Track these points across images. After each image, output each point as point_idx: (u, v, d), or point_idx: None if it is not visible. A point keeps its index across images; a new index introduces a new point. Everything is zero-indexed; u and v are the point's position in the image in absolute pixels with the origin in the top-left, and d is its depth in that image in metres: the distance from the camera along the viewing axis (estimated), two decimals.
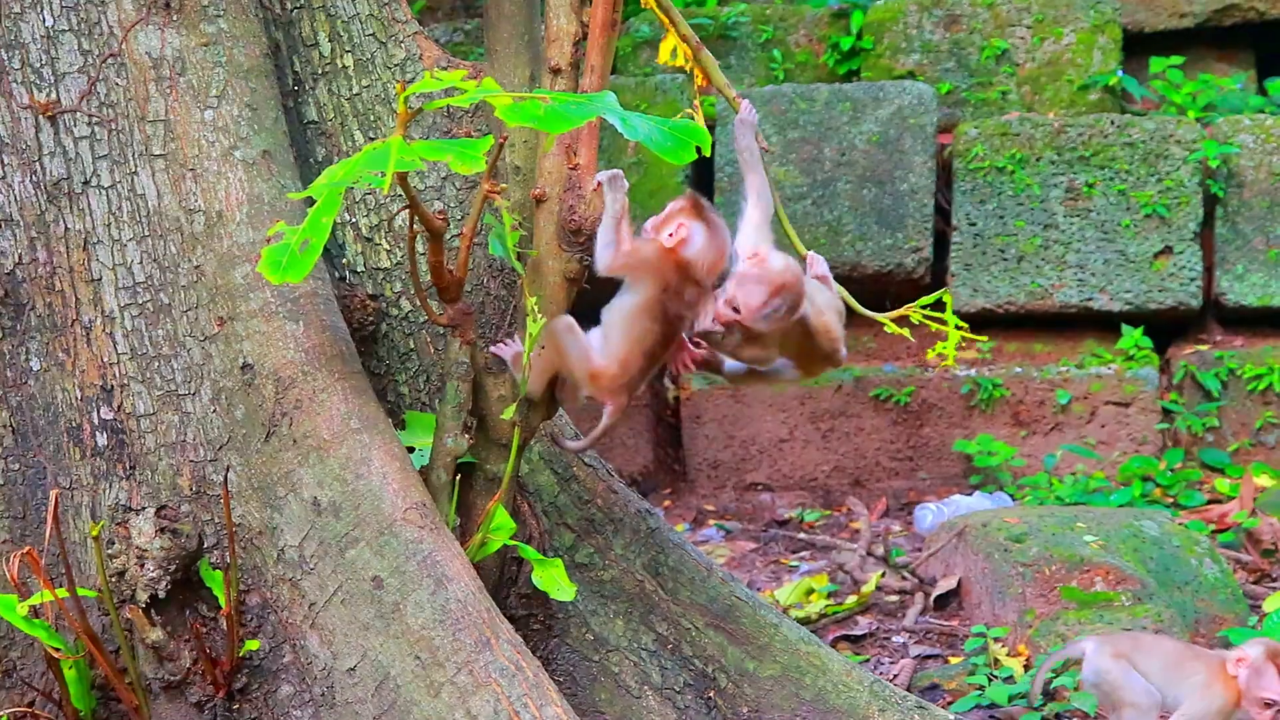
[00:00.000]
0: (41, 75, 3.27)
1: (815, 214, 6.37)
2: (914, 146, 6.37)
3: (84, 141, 3.26)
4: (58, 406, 3.28)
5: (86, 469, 3.25)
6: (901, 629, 4.83)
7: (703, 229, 3.19)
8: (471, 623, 3.02)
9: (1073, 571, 4.48)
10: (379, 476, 3.12)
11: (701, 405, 6.41)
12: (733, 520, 6.21)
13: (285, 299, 3.21)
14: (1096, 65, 6.83)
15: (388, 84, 3.56)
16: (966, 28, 6.90)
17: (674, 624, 3.65)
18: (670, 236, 3.18)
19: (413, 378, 3.54)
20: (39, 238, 3.27)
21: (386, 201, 3.54)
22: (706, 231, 3.19)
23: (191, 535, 3.13)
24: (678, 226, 3.18)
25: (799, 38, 7.17)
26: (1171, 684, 3.71)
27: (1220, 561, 4.75)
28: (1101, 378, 6.23)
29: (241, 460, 3.18)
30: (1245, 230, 6.31)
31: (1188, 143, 6.23)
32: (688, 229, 3.18)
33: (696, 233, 3.18)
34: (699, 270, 3.19)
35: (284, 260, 2.77)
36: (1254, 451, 6.16)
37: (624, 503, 3.72)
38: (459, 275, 3.15)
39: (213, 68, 3.28)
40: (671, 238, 3.17)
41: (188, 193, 3.24)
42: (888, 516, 6.15)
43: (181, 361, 3.22)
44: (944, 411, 6.30)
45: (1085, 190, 6.28)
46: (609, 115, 2.77)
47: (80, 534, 3.25)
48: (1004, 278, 6.33)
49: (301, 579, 3.12)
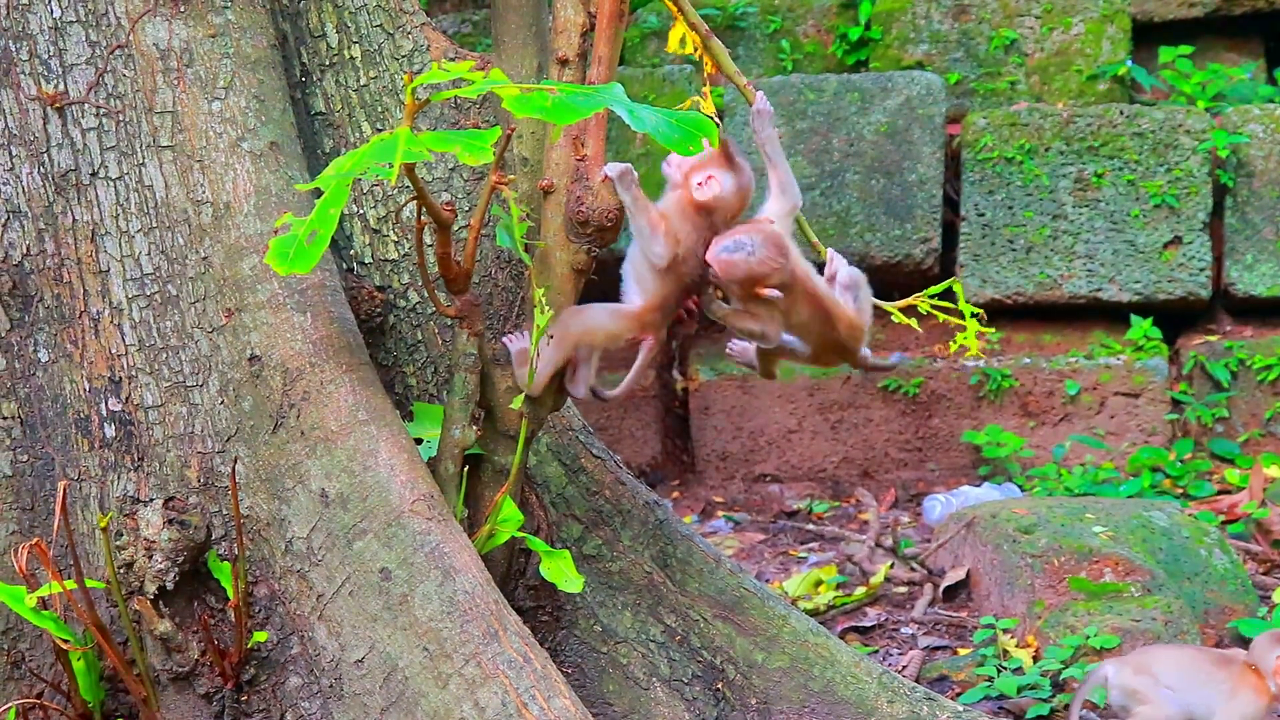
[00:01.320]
0: (49, 67, 3.27)
1: (824, 205, 6.36)
2: (922, 137, 6.36)
3: (91, 133, 3.26)
4: (66, 398, 3.28)
5: (94, 460, 3.25)
6: (910, 620, 4.82)
7: (731, 179, 3.20)
8: (479, 614, 3.02)
9: (1082, 562, 4.47)
10: (387, 468, 3.12)
11: (710, 396, 6.40)
12: (741, 511, 6.21)
13: (293, 290, 3.20)
14: (1105, 55, 6.81)
15: (395, 75, 3.56)
16: (975, 18, 6.88)
17: (682, 615, 3.65)
18: (700, 186, 3.18)
19: (420, 369, 3.54)
20: (47, 229, 3.27)
21: (394, 193, 3.53)
22: (734, 180, 3.20)
23: (199, 527, 3.13)
24: (707, 178, 3.19)
25: (807, 28, 7.16)
26: (1198, 693, 3.67)
27: (1230, 552, 4.74)
28: (1110, 368, 6.22)
29: (249, 452, 3.18)
30: (1255, 220, 6.29)
31: (1197, 132, 6.22)
32: (718, 181, 3.18)
33: (725, 182, 3.19)
34: (720, 218, 3.19)
35: (291, 251, 2.77)
36: (1264, 442, 6.15)
37: (632, 494, 3.71)
38: (466, 267, 3.14)
39: (220, 59, 3.28)
40: (701, 188, 3.18)
41: (195, 184, 3.24)
42: (896, 507, 6.14)
43: (189, 353, 3.22)
44: (952, 402, 6.29)
45: (1094, 180, 6.26)
46: (616, 107, 2.77)
47: (88, 525, 3.25)
48: (1013, 268, 6.32)
49: (309, 570, 3.12)
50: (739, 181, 3.22)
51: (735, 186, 3.21)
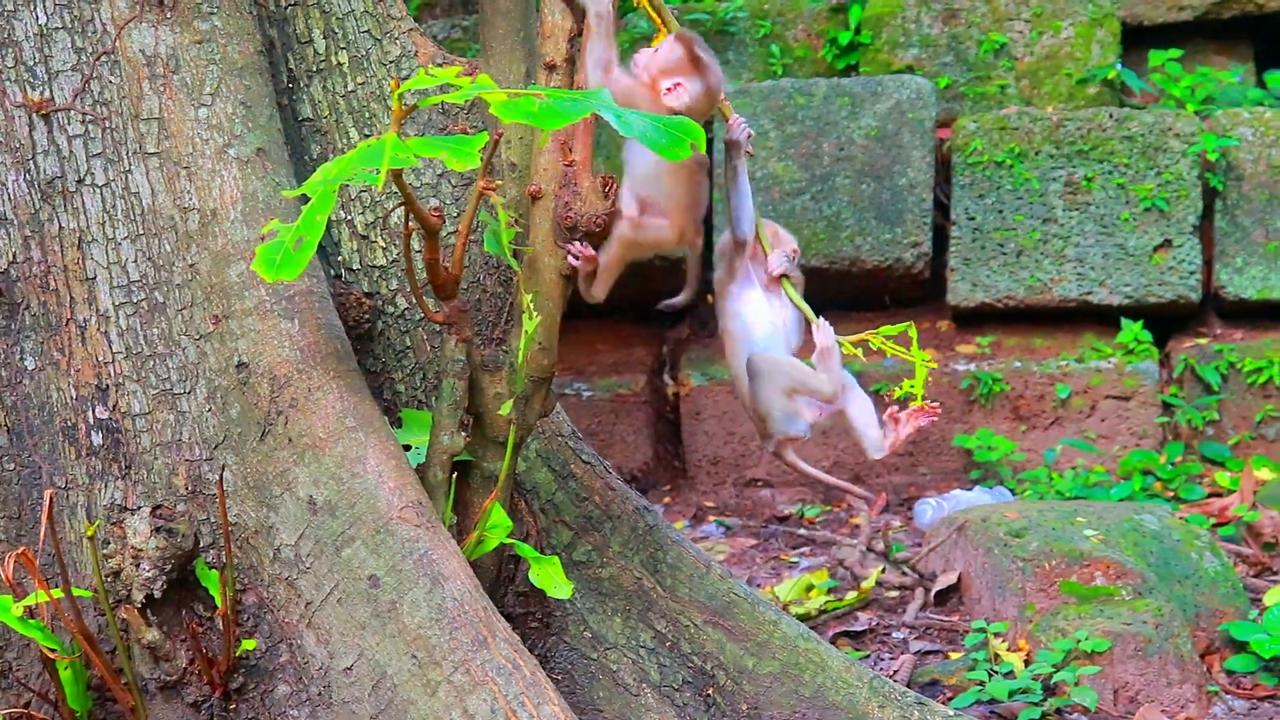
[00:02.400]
0: (35, 73, 3.26)
1: (814, 209, 6.36)
2: (912, 141, 6.36)
3: (78, 140, 3.25)
4: (53, 406, 3.27)
5: (82, 468, 3.24)
6: (902, 624, 4.82)
7: (699, 84, 3.22)
8: (468, 621, 3.02)
9: (1073, 566, 4.47)
10: (375, 475, 3.12)
11: (701, 401, 6.40)
12: (732, 516, 6.20)
13: (280, 297, 3.20)
14: (1095, 59, 6.82)
15: (383, 81, 3.55)
16: (965, 22, 6.89)
17: (672, 621, 3.64)
18: (669, 93, 3.19)
19: (409, 375, 3.53)
20: (33, 237, 3.26)
21: (382, 199, 3.53)
22: (701, 84, 3.22)
23: (187, 535, 3.12)
24: (675, 86, 3.20)
25: (797, 32, 7.16)
26: None
27: (1221, 555, 4.74)
28: (1101, 372, 6.22)
29: (237, 459, 3.18)
30: (1245, 223, 6.30)
31: (1187, 136, 6.22)
32: (685, 89, 3.20)
33: (693, 88, 3.21)
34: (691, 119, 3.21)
35: (278, 258, 2.76)
36: (1254, 445, 6.15)
37: (622, 500, 3.71)
38: (455, 272, 3.14)
39: (207, 65, 3.27)
40: (670, 94, 3.19)
41: (182, 191, 3.23)
42: (888, 512, 6.14)
43: (177, 360, 3.22)
44: (944, 406, 6.27)
45: (1084, 184, 6.26)
46: (604, 111, 2.76)
47: (76, 534, 3.24)
48: (1003, 272, 6.32)
49: (298, 578, 3.11)
50: (707, 84, 3.23)
51: (703, 90, 3.22)
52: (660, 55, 3.23)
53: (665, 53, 3.23)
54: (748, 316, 3.51)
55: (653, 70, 3.22)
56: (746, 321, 3.50)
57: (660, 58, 3.23)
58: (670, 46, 3.24)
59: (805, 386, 3.51)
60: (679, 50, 3.23)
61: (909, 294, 6.53)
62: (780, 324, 3.50)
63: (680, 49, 3.23)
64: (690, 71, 3.21)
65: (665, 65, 3.22)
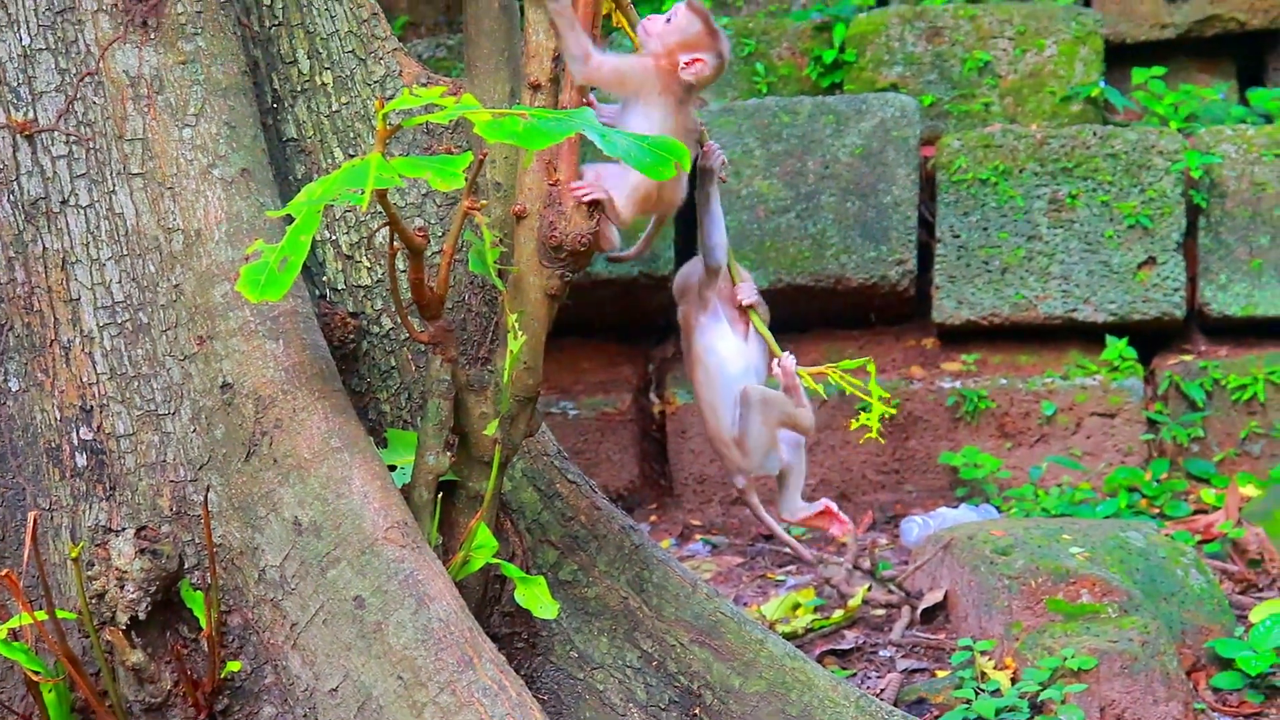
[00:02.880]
0: (18, 94, 3.26)
1: (799, 227, 6.37)
2: (897, 159, 6.37)
3: (61, 160, 3.25)
4: (37, 427, 3.26)
5: (66, 490, 3.23)
6: (888, 643, 4.81)
7: (715, 60, 3.22)
8: (454, 642, 3.01)
9: (1059, 583, 4.47)
10: (360, 495, 3.11)
11: (687, 420, 6.39)
12: (719, 535, 6.19)
13: (265, 317, 3.19)
14: (1078, 76, 6.83)
15: (367, 101, 3.56)
16: (948, 40, 6.90)
17: (659, 641, 3.64)
18: (687, 67, 3.18)
19: (394, 395, 3.53)
20: (17, 258, 3.26)
21: (366, 219, 3.53)
22: (717, 61, 3.22)
23: (172, 556, 3.11)
24: (694, 61, 3.19)
25: (781, 51, 7.17)
26: None
27: (1206, 572, 4.74)
28: (1086, 389, 6.23)
29: (222, 480, 3.17)
30: (1228, 240, 6.31)
31: (1170, 153, 6.23)
32: (706, 64, 3.20)
33: (711, 63, 3.21)
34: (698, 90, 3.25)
35: (263, 278, 2.76)
36: (1239, 461, 6.16)
37: (608, 519, 3.70)
38: (440, 292, 3.13)
39: (191, 86, 3.27)
40: (688, 68, 3.18)
41: (166, 211, 3.23)
42: (874, 529, 6.14)
43: (161, 381, 3.21)
44: (929, 424, 6.29)
45: (1068, 201, 6.28)
46: (589, 131, 2.77)
47: (60, 556, 3.23)
48: (988, 289, 6.33)
49: (283, 599, 3.11)
50: (721, 57, 3.23)
51: (718, 63, 3.23)
52: (676, 26, 3.20)
53: (682, 23, 3.19)
54: (721, 350, 3.51)
55: (668, 42, 3.20)
56: (721, 355, 3.51)
57: (676, 28, 3.19)
58: (687, 17, 3.20)
59: (794, 421, 3.52)
60: (697, 22, 3.20)
61: (894, 311, 6.54)
62: (753, 358, 3.52)
63: (698, 20, 3.19)
64: (709, 45, 3.20)
65: (683, 38, 3.20)
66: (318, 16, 3.54)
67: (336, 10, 3.56)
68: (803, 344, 6.55)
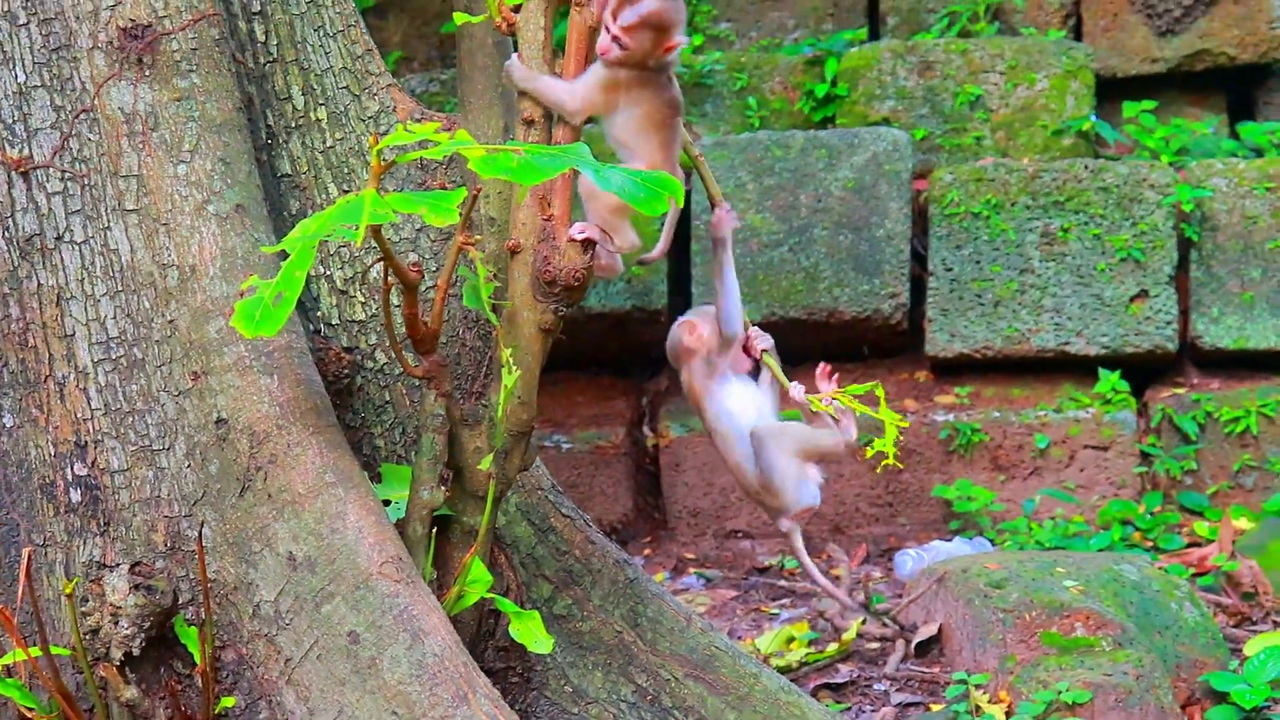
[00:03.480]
0: (14, 131, 3.27)
1: (792, 260, 6.38)
2: (890, 192, 6.39)
3: (57, 197, 3.26)
4: (31, 463, 3.26)
5: (60, 526, 3.23)
6: (883, 676, 4.81)
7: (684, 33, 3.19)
8: (448, 677, 3.01)
9: (1053, 617, 4.47)
10: (354, 530, 3.11)
11: (681, 453, 6.40)
12: (713, 568, 6.19)
13: (259, 353, 3.20)
14: (1070, 111, 6.86)
15: (361, 137, 3.57)
16: (940, 74, 6.93)
17: (653, 675, 3.64)
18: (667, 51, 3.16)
19: (388, 430, 3.53)
20: (11, 294, 3.26)
21: (361, 254, 3.53)
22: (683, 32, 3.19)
23: (166, 592, 3.11)
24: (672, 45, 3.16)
25: (774, 85, 7.20)
26: None
27: (1200, 605, 4.74)
28: (1079, 421, 6.23)
29: (216, 515, 3.17)
30: (1220, 273, 6.33)
31: (1161, 187, 6.25)
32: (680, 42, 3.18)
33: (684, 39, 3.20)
34: None
35: (258, 314, 2.77)
36: (1232, 494, 6.16)
37: (602, 553, 3.70)
38: (434, 327, 3.14)
39: (185, 122, 3.28)
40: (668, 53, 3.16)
41: (161, 247, 3.23)
42: (868, 563, 6.13)
43: (155, 416, 3.21)
44: (923, 457, 6.29)
45: (1060, 235, 6.29)
46: (582, 166, 2.78)
47: (54, 591, 3.22)
48: (981, 322, 6.34)
49: (277, 635, 3.10)
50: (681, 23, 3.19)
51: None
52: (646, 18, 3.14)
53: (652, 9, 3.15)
54: (735, 409, 3.53)
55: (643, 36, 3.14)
56: (735, 415, 3.53)
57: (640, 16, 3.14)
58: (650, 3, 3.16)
59: (814, 446, 3.53)
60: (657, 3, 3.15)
61: (887, 344, 6.55)
62: (765, 403, 3.54)
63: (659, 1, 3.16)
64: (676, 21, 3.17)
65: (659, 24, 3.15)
66: (312, 53, 3.55)
67: (331, 46, 3.57)
68: (796, 377, 6.53)
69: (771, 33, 7.77)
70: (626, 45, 3.13)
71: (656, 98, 3.20)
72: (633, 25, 3.12)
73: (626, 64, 3.15)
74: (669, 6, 3.16)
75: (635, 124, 3.18)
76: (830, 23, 7.71)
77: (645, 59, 3.16)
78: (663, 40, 3.15)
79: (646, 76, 3.18)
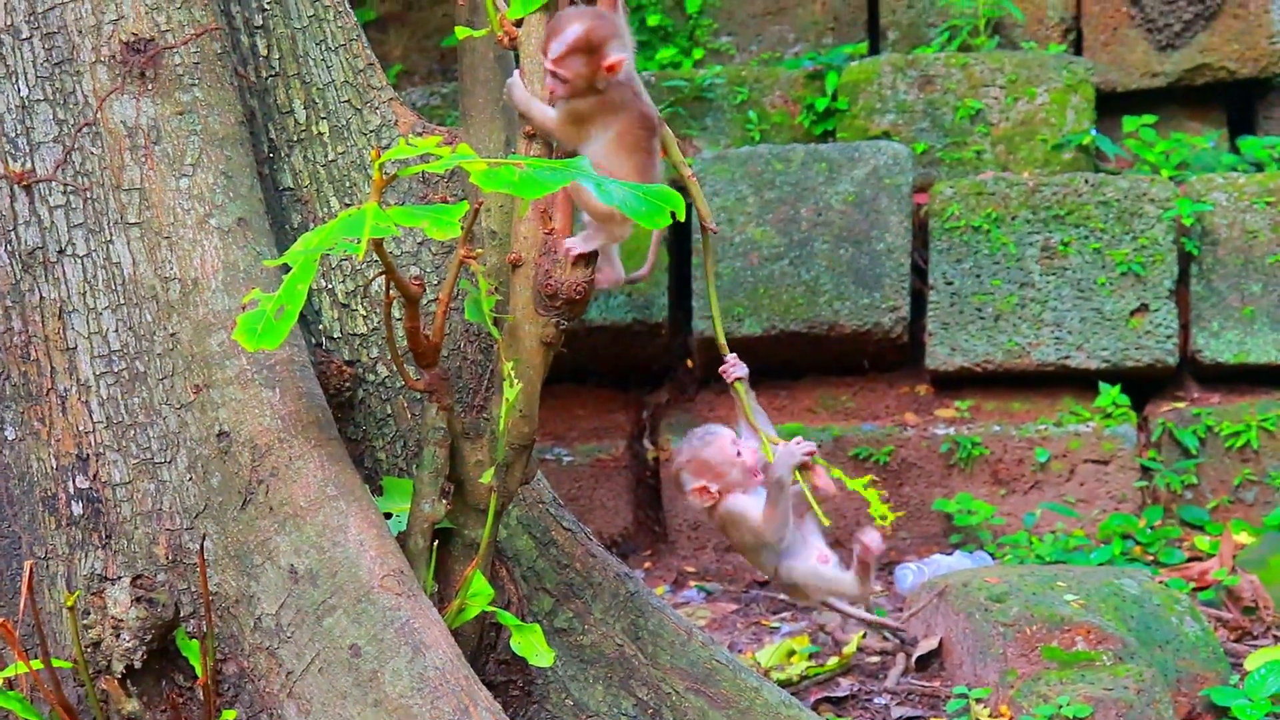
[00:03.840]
0: (17, 145, 3.27)
1: (792, 274, 6.39)
2: (890, 206, 6.39)
3: (59, 210, 3.26)
4: (33, 476, 3.26)
5: (62, 538, 3.23)
6: (883, 690, 4.81)
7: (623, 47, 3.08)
8: (450, 690, 3.01)
9: (1054, 631, 4.47)
10: (356, 543, 3.11)
11: None
12: (713, 581, 6.19)
13: (261, 366, 3.20)
14: (1070, 125, 6.87)
15: (363, 150, 3.57)
16: (940, 88, 6.94)
17: (654, 689, 3.64)
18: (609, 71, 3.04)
19: (390, 443, 3.53)
20: (14, 307, 3.26)
21: (362, 267, 3.54)
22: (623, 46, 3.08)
23: (168, 604, 3.11)
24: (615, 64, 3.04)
25: (774, 99, 7.21)
26: None
27: (1201, 620, 4.74)
28: (1080, 435, 6.24)
29: (218, 528, 3.17)
30: (1220, 288, 6.33)
31: (1162, 201, 6.26)
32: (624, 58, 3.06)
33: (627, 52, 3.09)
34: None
35: (259, 327, 2.77)
36: (1233, 508, 6.16)
37: (603, 566, 3.70)
38: (435, 340, 3.15)
39: (188, 136, 3.29)
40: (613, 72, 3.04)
41: (163, 260, 3.24)
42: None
43: (157, 429, 3.21)
44: (923, 470, 6.30)
45: (1061, 249, 6.30)
46: (584, 180, 2.78)
47: (55, 604, 3.23)
48: (981, 336, 6.35)
49: (279, 647, 3.10)
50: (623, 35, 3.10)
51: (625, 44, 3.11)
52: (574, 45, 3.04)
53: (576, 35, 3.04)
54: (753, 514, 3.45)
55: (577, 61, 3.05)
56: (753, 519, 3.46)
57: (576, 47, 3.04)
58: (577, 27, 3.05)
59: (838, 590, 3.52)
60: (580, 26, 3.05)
61: (887, 358, 6.55)
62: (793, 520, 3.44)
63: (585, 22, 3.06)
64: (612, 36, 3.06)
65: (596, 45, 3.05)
66: (314, 67, 3.56)
67: (333, 60, 3.58)
68: (796, 391, 6.57)
69: (772, 46, 7.78)
70: (564, 77, 3.04)
71: (626, 119, 3.09)
72: (562, 55, 3.03)
73: (576, 95, 3.07)
74: (593, 26, 3.05)
75: (607, 149, 3.06)
76: (831, 37, 7.73)
77: (590, 84, 3.06)
78: (597, 61, 3.04)
79: (607, 101, 3.08)
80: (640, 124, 3.10)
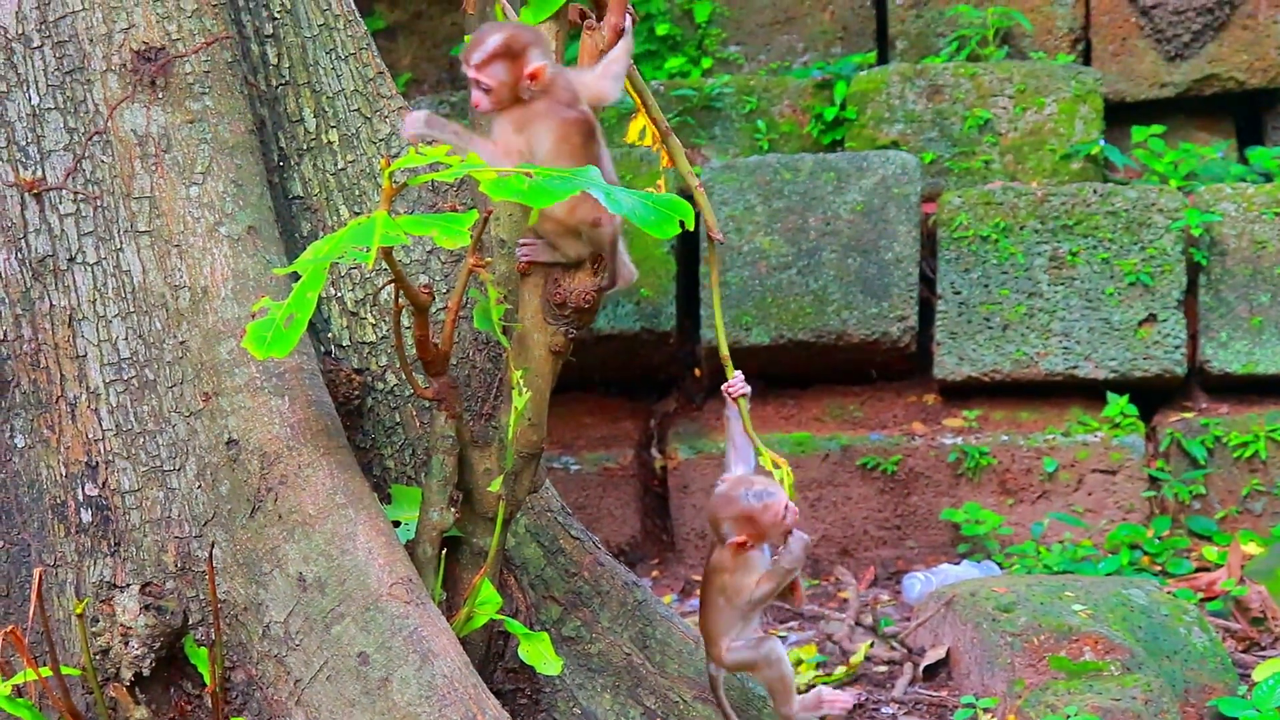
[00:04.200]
0: (27, 153, 3.28)
1: (800, 283, 6.39)
2: (898, 215, 6.39)
3: (69, 218, 3.27)
4: (42, 483, 3.27)
5: (71, 546, 3.24)
6: (891, 699, 4.80)
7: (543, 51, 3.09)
8: (458, 698, 3.01)
9: (1061, 641, 4.46)
10: (365, 551, 3.12)
11: (689, 475, 6.40)
12: None
13: (270, 374, 3.21)
14: (1078, 135, 6.87)
15: (373, 159, 3.58)
16: (949, 98, 6.94)
17: (662, 697, 3.64)
18: (532, 79, 3.05)
19: (398, 451, 3.54)
20: (24, 315, 3.27)
21: (372, 276, 3.54)
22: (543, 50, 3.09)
23: (176, 612, 3.11)
24: (535, 72, 3.05)
25: (783, 108, 7.21)
26: None
27: (1209, 630, 4.73)
28: (1088, 445, 6.23)
29: (227, 536, 3.17)
30: (1228, 298, 6.33)
31: (1170, 211, 6.26)
32: (545, 65, 3.07)
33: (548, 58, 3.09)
34: None
35: (269, 335, 2.78)
36: (1241, 519, 6.15)
37: (611, 575, 3.71)
38: (444, 349, 3.15)
39: (198, 144, 3.29)
40: (534, 83, 3.05)
41: (173, 269, 3.25)
42: (876, 586, 6.13)
43: (166, 437, 3.22)
44: (931, 480, 6.29)
45: (1069, 259, 6.30)
46: (592, 189, 2.79)
47: (64, 611, 3.23)
48: (989, 346, 6.34)
49: (287, 655, 3.11)
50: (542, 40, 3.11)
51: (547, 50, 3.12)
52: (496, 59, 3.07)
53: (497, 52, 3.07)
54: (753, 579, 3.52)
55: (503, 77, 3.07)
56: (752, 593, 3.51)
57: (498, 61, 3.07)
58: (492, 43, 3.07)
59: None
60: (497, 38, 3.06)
61: (896, 368, 6.55)
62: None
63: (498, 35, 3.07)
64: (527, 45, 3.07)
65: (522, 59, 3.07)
66: (324, 75, 3.57)
67: (343, 69, 3.59)
68: (804, 400, 6.56)
69: (781, 56, 7.79)
70: (487, 85, 3.05)
71: (559, 127, 3.08)
72: (483, 62, 3.04)
73: (502, 105, 3.07)
74: (514, 34, 3.07)
75: (549, 157, 3.06)
76: (839, 46, 7.73)
77: (514, 92, 3.07)
78: (519, 67, 3.05)
79: (537, 109, 3.08)
80: (576, 131, 3.09)
